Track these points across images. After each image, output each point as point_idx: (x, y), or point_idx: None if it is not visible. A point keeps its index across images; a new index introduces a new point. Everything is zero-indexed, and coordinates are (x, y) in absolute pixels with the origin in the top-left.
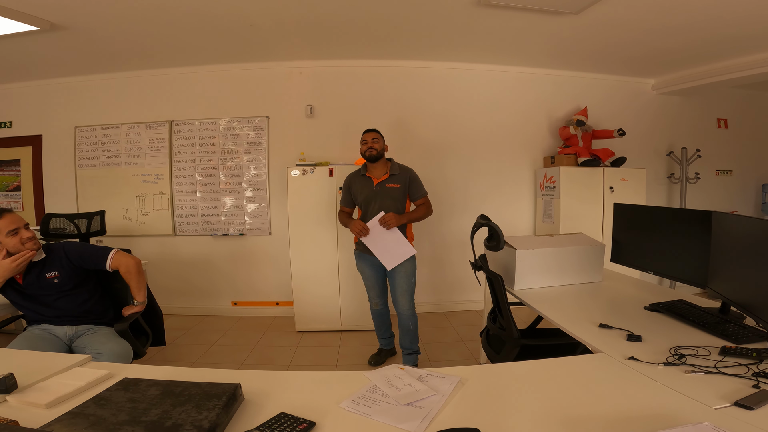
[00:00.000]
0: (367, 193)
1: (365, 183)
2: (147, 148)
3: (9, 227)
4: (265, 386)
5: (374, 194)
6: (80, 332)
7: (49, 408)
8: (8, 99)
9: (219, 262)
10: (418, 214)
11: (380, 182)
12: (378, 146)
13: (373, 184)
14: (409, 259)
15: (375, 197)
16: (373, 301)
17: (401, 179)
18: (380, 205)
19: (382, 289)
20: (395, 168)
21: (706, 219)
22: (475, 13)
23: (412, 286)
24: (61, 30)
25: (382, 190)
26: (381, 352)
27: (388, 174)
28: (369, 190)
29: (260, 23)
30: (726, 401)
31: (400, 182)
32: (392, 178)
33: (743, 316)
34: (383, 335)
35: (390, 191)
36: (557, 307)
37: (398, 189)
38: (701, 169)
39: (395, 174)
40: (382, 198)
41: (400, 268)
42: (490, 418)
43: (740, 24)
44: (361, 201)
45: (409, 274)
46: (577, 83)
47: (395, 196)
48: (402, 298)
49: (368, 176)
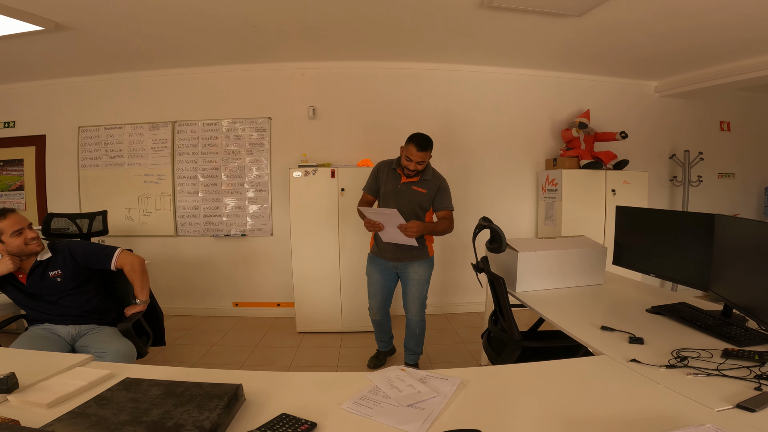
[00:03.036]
0: (391, 187)
1: (393, 177)
2: (150, 148)
3: (13, 227)
4: (267, 387)
5: (397, 191)
6: (83, 332)
7: (50, 408)
8: (12, 99)
9: (220, 262)
10: (440, 228)
11: (407, 181)
12: (422, 168)
13: (400, 180)
14: (424, 267)
15: (396, 194)
16: (372, 311)
17: (431, 185)
18: (397, 204)
19: (385, 299)
20: (428, 172)
21: (709, 222)
22: (477, 15)
23: (424, 294)
24: (66, 30)
25: (406, 189)
26: (380, 354)
27: (419, 177)
28: (393, 185)
29: (263, 24)
30: (728, 403)
31: (428, 188)
32: (422, 182)
33: (745, 318)
34: (382, 339)
35: (414, 194)
36: (559, 310)
37: (423, 194)
38: (704, 172)
39: (427, 179)
40: (402, 198)
41: (413, 274)
42: (491, 420)
43: (745, 27)
44: (383, 193)
45: (423, 282)
46: (579, 85)
47: (418, 200)
48: (413, 304)
49: (399, 172)
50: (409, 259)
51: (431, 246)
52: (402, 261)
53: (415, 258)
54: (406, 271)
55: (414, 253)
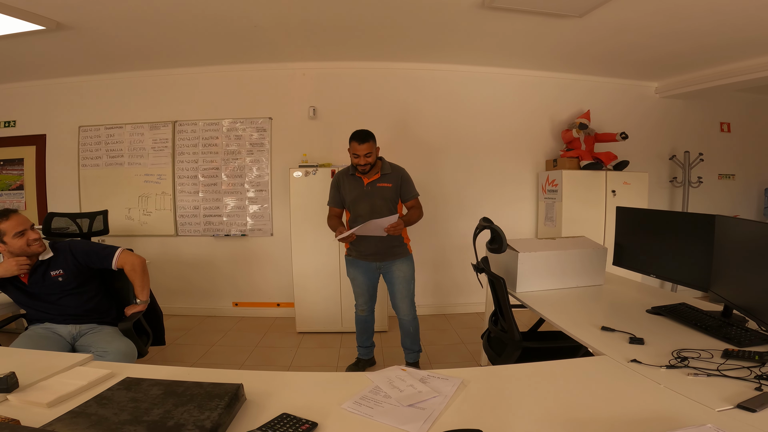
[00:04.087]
0: (357, 193)
1: (355, 183)
2: (150, 148)
3: (16, 229)
4: (267, 387)
5: (364, 194)
6: (84, 331)
7: (50, 407)
8: (13, 98)
9: (220, 262)
10: (415, 217)
11: (371, 182)
12: (372, 159)
13: (364, 183)
14: (407, 264)
15: (365, 197)
16: (360, 308)
17: (393, 179)
18: (370, 205)
19: (371, 296)
20: (387, 167)
21: (709, 223)
22: (478, 16)
23: (411, 291)
24: (67, 30)
25: (373, 189)
26: (359, 362)
27: (380, 173)
28: (359, 190)
29: (264, 25)
30: (729, 404)
31: (391, 182)
32: (384, 178)
33: (745, 319)
34: (364, 344)
35: (381, 191)
36: (559, 310)
37: (390, 189)
38: (704, 172)
39: (387, 173)
40: (372, 198)
41: (398, 273)
42: (492, 420)
43: (746, 29)
44: (350, 201)
45: (408, 279)
46: (580, 86)
47: (387, 196)
48: (402, 303)
49: (358, 176)
50: (391, 257)
51: (409, 245)
52: (385, 260)
53: (397, 256)
54: (391, 271)
55: (395, 252)
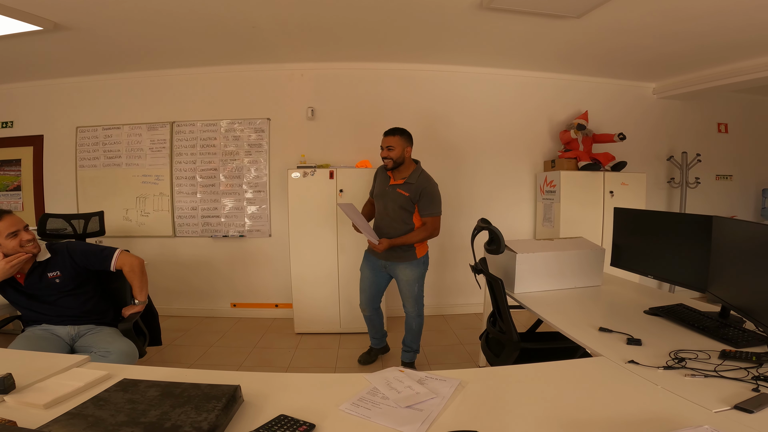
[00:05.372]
0: (381, 189)
1: (384, 179)
2: (148, 149)
3: (9, 229)
4: (265, 388)
5: (384, 193)
6: (83, 332)
7: (47, 408)
8: (10, 99)
9: (218, 263)
10: (415, 239)
11: (394, 184)
12: (394, 155)
13: (389, 182)
14: (411, 268)
15: (383, 195)
16: (361, 306)
17: (413, 189)
18: (384, 205)
19: (374, 295)
20: (413, 176)
21: (707, 224)
22: (477, 17)
23: (416, 292)
24: (65, 30)
25: (391, 191)
26: (372, 351)
27: (404, 180)
28: (382, 187)
29: (262, 25)
30: (726, 405)
31: (410, 191)
32: (405, 185)
33: (743, 320)
34: (374, 335)
35: (397, 196)
36: (557, 311)
37: (405, 198)
38: (701, 173)
39: (410, 182)
40: (387, 199)
41: (402, 275)
42: (490, 421)
43: (744, 30)
44: (375, 194)
45: (412, 282)
46: (578, 87)
47: (400, 203)
48: (408, 302)
49: (389, 174)
50: (396, 259)
51: (419, 248)
52: (389, 260)
53: (402, 259)
54: (395, 271)
55: (400, 254)
